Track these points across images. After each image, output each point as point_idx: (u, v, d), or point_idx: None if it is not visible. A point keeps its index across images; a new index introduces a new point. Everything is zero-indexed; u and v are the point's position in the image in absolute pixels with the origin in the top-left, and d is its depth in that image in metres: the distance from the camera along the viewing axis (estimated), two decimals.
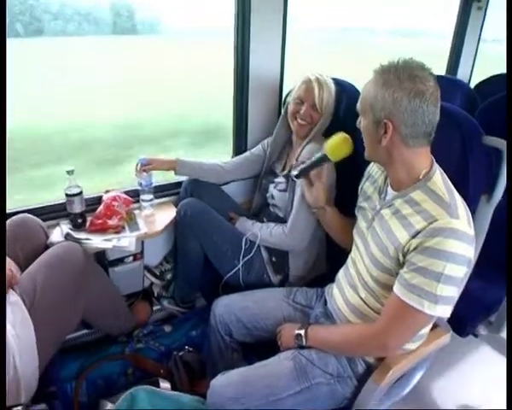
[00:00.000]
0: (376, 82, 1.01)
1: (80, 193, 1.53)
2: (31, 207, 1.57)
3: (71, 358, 1.53)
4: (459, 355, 1.91)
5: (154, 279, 1.83)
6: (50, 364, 1.32)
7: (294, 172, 1.38)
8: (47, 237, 1.49)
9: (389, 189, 1.13)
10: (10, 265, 1.29)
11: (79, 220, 1.56)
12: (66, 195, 1.51)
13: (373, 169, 1.27)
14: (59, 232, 1.52)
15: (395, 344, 1.06)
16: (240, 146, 1.96)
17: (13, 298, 1.21)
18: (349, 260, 1.28)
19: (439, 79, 1.00)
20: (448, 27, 2.76)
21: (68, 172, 1.50)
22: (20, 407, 0.99)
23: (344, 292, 1.23)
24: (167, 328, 1.74)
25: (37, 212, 1.55)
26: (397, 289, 0.99)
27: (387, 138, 1.01)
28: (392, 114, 0.98)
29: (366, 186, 1.27)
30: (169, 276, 1.85)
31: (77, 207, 1.54)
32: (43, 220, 1.53)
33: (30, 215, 1.48)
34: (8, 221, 1.41)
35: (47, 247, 1.43)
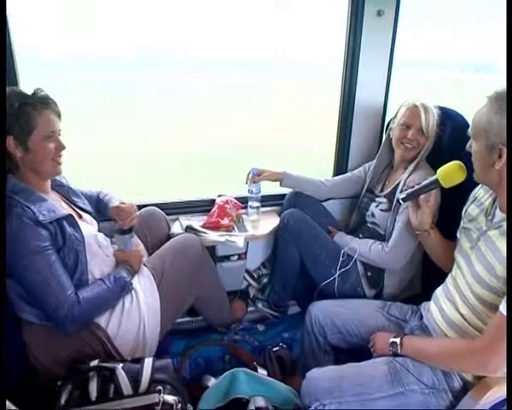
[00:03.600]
0: (491, 108, 1.05)
1: None
2: (158, 202, 1.82)
3: (178, 338, 1.73)
4: None
5: (251, 281, 1.99)
6: (163, 339, 1.49)
7: (402, 196, 1.42)
8: (169, 229, 1.72)
9: (497, 211, 1.14)
10: (140, 246, 1.53)
11: None
12: None
13: (479, 192, 1.29)
14: (178, 225, 1.75)
15: (497, 364, 1.03)
16: (341, 167, 2.07)
17: (146, 272, 1.44)
18: (448, 278, 1.29)
19: None
20: None
21: None
22: (150, 359, 1.17)
23: (441, 306, 1.25)
24: (261, 327, 1.86)
25: (162, 207, 1.78)
26: (503, 308, 0.99)
27: (501, 163, 1.04)
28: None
29: (471, 209, 1.28)
30: (265, 280, 1.99)
31: None
32: (166, 214, 1.77)
33: (157, 209, 1.72)
34: (141, 211, 1.65)
35: (169, 237, 1.66)
